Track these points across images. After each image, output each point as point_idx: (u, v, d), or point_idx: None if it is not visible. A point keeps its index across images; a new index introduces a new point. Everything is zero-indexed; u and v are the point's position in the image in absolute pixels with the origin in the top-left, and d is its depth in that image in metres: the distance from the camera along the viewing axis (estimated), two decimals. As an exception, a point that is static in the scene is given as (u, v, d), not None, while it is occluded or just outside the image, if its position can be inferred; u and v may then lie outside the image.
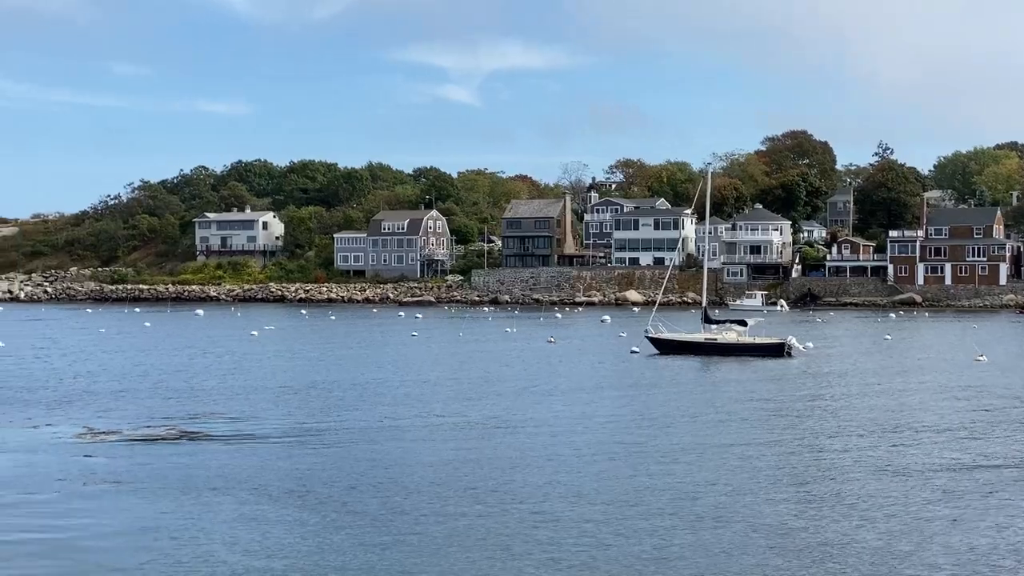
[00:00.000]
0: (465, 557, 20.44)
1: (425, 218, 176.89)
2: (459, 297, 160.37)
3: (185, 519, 23.18)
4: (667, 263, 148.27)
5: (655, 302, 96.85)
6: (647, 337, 71.45)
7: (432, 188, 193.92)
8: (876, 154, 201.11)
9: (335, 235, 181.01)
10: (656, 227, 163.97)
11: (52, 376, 54.89)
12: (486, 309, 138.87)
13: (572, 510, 24.31)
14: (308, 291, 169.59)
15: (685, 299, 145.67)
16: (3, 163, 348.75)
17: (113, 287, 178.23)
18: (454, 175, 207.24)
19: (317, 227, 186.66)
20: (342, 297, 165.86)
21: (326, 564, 19.77)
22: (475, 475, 28.23)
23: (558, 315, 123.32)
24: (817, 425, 38.46)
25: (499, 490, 26.39)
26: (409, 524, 22.87)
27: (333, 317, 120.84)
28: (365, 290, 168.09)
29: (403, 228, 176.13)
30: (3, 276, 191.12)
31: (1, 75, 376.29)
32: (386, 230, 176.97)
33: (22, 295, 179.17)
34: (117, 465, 29.60)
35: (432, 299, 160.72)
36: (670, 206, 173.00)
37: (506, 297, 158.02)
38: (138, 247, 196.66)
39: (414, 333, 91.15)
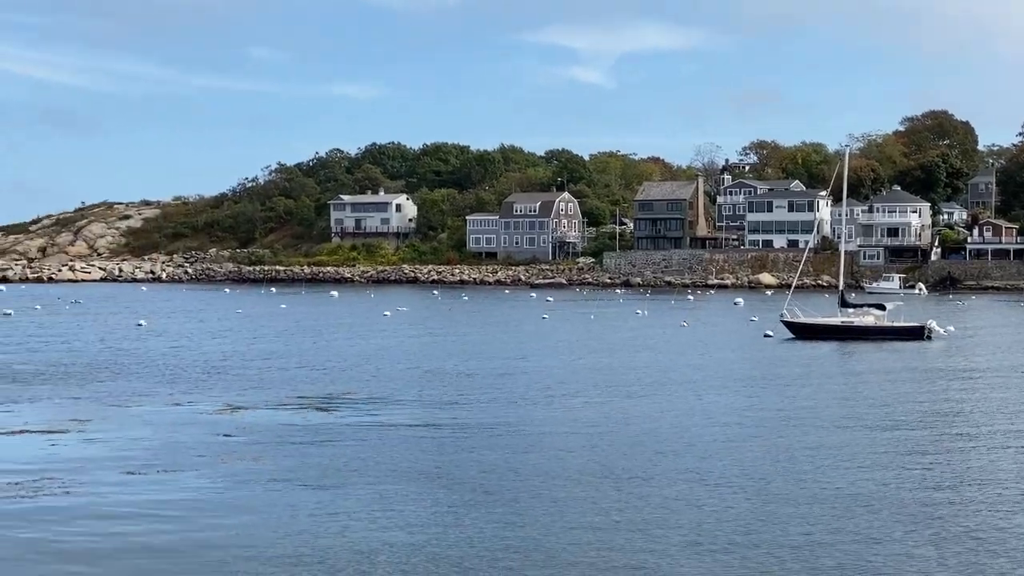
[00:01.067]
0: (604, 539, 20.21)
1: (557, 200, 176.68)
2: (590, 279, 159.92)
3: (321, 498, 23.34)
4: (801, 246, 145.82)
5: (789, 285, 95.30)
6: (782, 321, 70.26)
7: (564, 170, 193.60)
8: (1021, 135, 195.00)
9: (467, 217, 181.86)
10: (790, 209, 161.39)
11: (193, 355, 56.07)
12: (617, 291, 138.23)
13: (712, 496, 23.87)
14: (440, 273, 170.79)
15: (820, 282, 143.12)
16: (147, 147, 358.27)
17: (251, 268, 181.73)
18: (586, 157, 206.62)
19: (450, 209, 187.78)
20: (474, 279, 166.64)
21: (461, 545, 19.72)
22: (610, 459, 27.94)
23: (690, 298, 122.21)
24: (968, 413, 37.29)
25: (637, 475, 26.05)
26: (545, 506, 22.69)
27: (466, 298, 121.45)
28: (497, 272, 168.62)
29: (535, 210, 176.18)
30: (146, 257, 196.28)
31: (145, 61, 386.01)
32: (518, 212, 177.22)
33: (164, 276, 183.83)
34: (254, 443, 30.00)
35: (563, 281, 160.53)
36: (804, 188, 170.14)
37: (638, 279, 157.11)
38: (275, 229, 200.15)
39: (545, 315, 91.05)
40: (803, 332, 68.39)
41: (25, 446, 29.45)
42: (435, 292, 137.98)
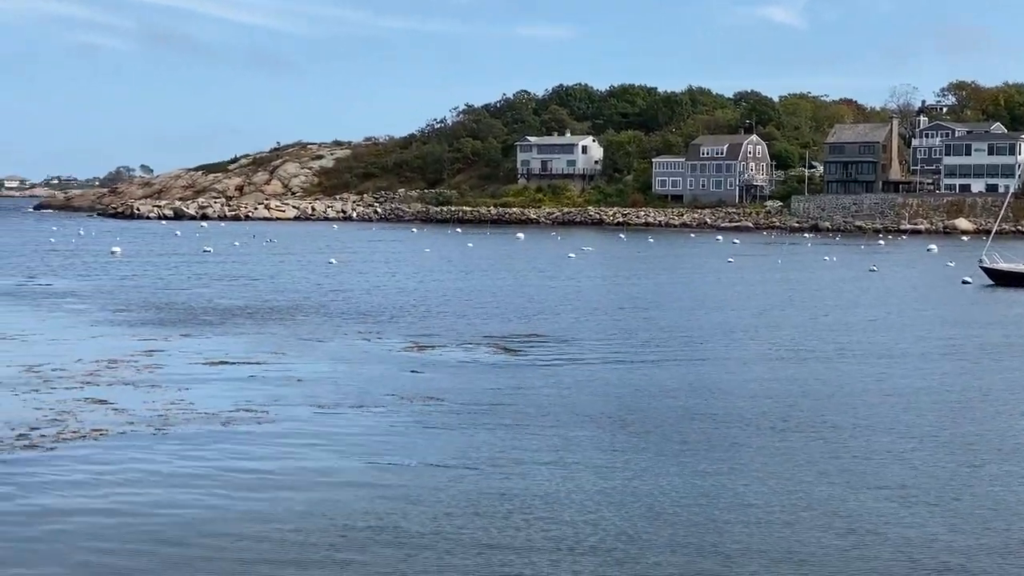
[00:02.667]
0: (802, 489, 19.69)
1: (745, 143, 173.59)
2: (778, 223, 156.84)
3: (505, 439, 23.42)
4: (1001, 190, 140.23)
5: (987, 231, 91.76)
6: (981, 267, 67.82)
7: (752, 112, 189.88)
8: None
9: (653, 160, 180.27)
10: (990, 152, 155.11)
11: (381, 293, 57.12)
12: (805, 236, 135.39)
13: (918, 450, 23.12)
14: (626, 215, 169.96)
15: (1020, 228, 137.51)
16: (339, 89, 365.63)
17: (438, 208, 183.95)
18: (775, 99, 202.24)
19: (636, 151, 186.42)
20: (659, 222, 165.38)
21: (652, 492, 19.37)
22: (807, 409, 27.29)
23: (881, 243, 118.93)
24: None
25: (834, 425, 25.31)
26: (739, 454, 22.25)
27: (651, 241, 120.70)
28: (683, 215, 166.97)
29: (722, 153, 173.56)
30: (337, 196, 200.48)
31: (340, 3, 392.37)
32: (705, 155, 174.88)
33: (354, 215, 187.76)
34: (440, 381, 30.33)
35: (750, 225, 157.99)
36: (1006, 131, 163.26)
37: (826, 224, 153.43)
38: (462, 170, 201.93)
39: (731, 259, 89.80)
40: (1003, 279, 65.86)
41: (224, 377, 30.43)
42: (620, 235, 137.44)
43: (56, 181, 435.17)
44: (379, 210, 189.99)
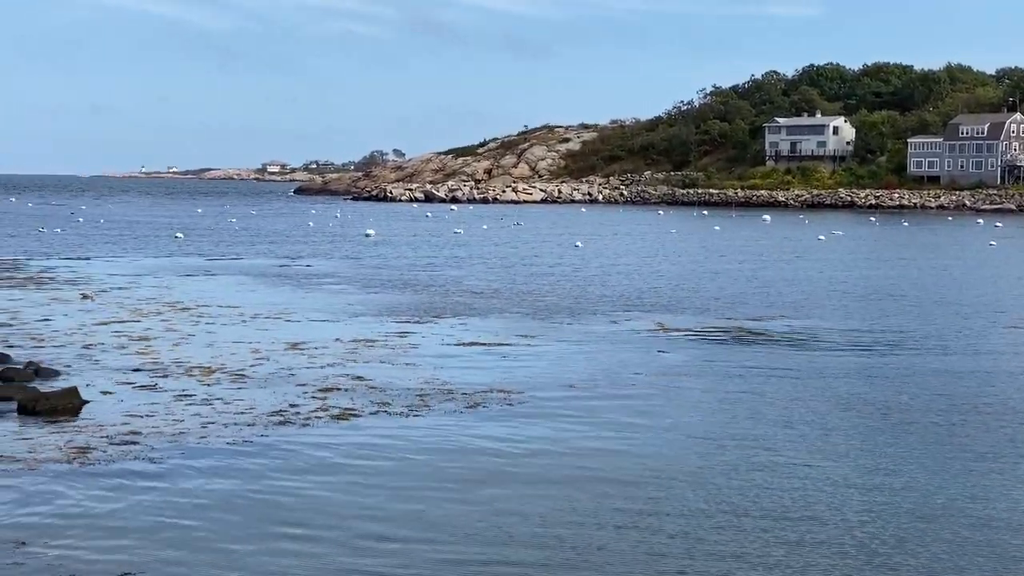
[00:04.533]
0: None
1: (1008, 121, 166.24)
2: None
3: (747, 422, 23.20)
4: None
5: None
6: None
7: (1016, 89, 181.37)
8: None
9: (908, 140, 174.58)
10: None
11: (628, 275, 57.25)
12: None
13: None
14: (878, 197, 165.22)
15: None
16: (586, 72, 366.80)
17: (684, 191, 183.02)
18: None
19: (890, 132, 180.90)
20: (914, 204, 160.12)
21: (916, 491, 18.66)
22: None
23: None
24: None
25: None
26: (1012, 449, 21.40)
27: (905, 224, 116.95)
28: (939, 197, 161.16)
29: (983, 132, 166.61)
30: (583, 179, 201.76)
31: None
32: (964, 135, 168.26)
33: (600, 198, 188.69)
34: (686, 362, 30.20)
35: (1013, 207, 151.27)
36: None
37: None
38: (708, 152, 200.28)
39: (992, 242, 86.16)
40: None
41: (475, 357, 31.11)
42: (872, 218, 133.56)
43: (314, 166, 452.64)
44: (625, 193, 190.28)
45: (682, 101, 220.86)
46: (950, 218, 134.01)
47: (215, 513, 16.89)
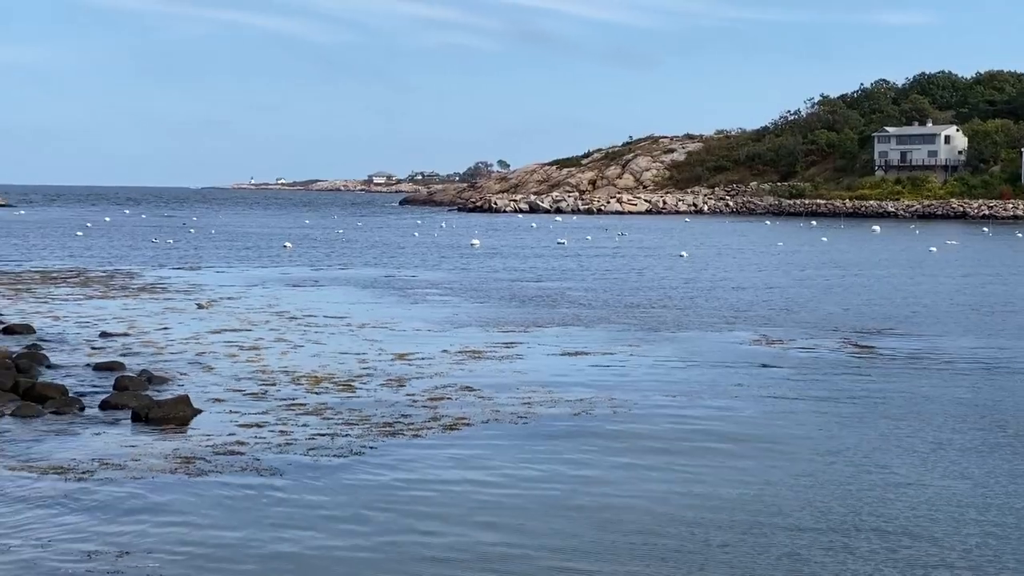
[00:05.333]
0: None
1: None
2: None
3: (857, 438, 22.75)
4: None
5: None
6: None
7: None
8: None
9: (1023, 149, 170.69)
10: None
11: (732, 286, 56.72)
12: None
13: None
14: (992, 208, 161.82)
15: None
16: (690, 82, 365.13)
17: (790, 201, 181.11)
18: None
19: (1004, 141, 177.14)
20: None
21: (1010, 503, 18.19)
22: None
23: None
24: None
25: None
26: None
27: (1020, 236, 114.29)
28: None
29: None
30: (688, 190, 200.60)
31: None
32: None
33: (705, 208, 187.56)
34: (792, 376, 29.77)
35: None
36: None
37: None
38: (816, 162, 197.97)
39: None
40: None
41: (581, 367, 31.05)
42: (985, 228, 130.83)
43: (419, 177, 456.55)
44: (730, 203, 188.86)
45: (789, 111, 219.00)
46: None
47: (330, 524, 16.98)
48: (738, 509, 17.76)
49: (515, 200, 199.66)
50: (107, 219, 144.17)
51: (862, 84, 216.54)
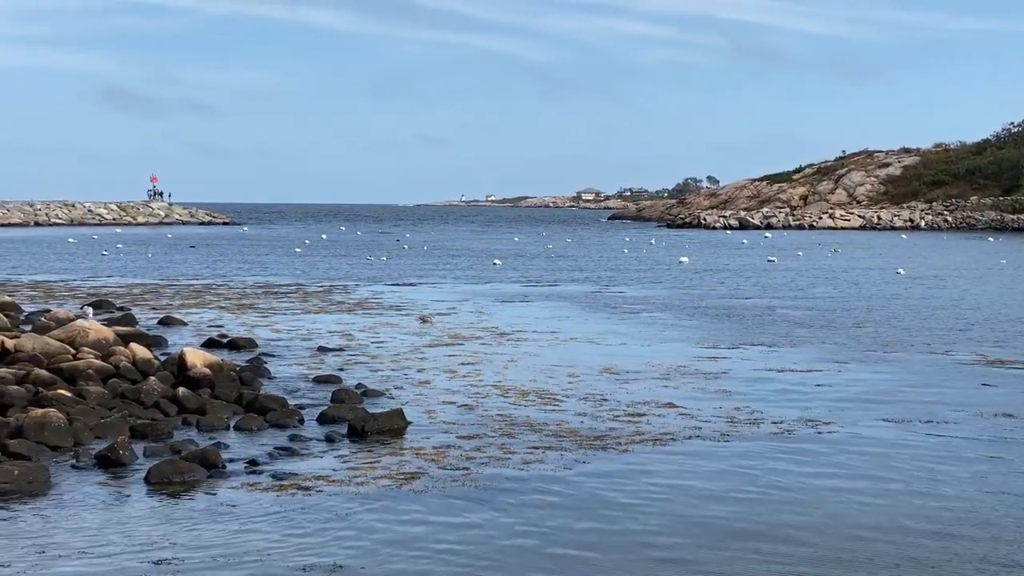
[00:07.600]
0: None
1: None
2: None
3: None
4: None
5: None
6: None
7: None
8: None
9: None
10: None
11: (952, 304, 55.01)
12: None
13: None
14: None
15: None
16: (906, 95, 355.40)
17: (1013, 216, 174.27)
18: None
19: None
20: None
21: None
22: None
23: None
24: None
25: None
26: None
27: None
28: None
29: None
30: (904, 205, 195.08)
31: (912, 8, 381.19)
32: None
33: (922, 224, 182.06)
34: (1014, 399, 28.86)
35: None
36: None
37: None
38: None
39: None
40: None
41: (786, 386, 30.69)
42: None
43: (628, 193, 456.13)
44: (949, 219, 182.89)
45: (1012, 123, 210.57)
46: None
47: (558, 537, 17.37)
48: (940, 544, 17.42)
49: (724, 216, 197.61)
50: (324, 236, 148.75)
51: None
